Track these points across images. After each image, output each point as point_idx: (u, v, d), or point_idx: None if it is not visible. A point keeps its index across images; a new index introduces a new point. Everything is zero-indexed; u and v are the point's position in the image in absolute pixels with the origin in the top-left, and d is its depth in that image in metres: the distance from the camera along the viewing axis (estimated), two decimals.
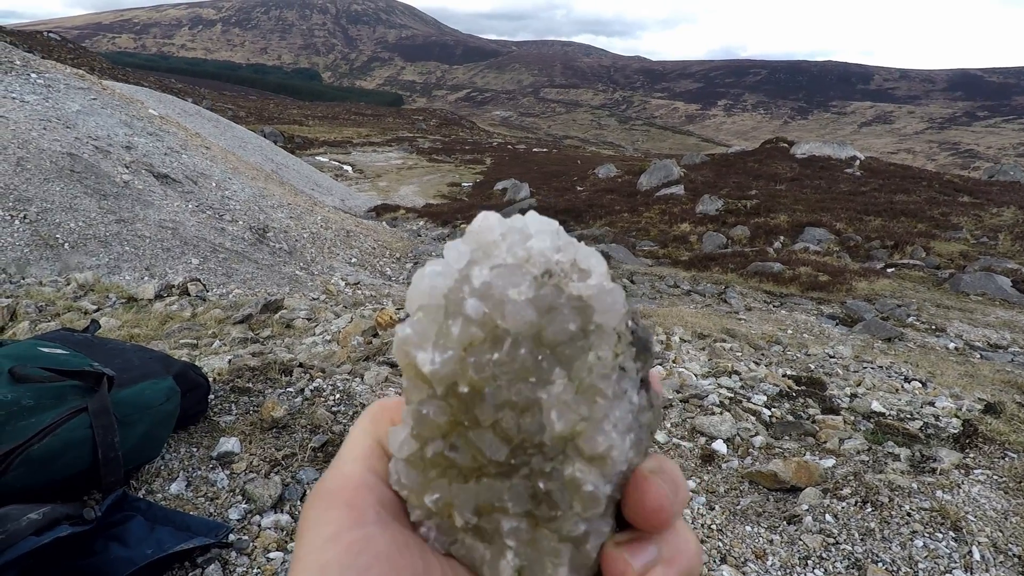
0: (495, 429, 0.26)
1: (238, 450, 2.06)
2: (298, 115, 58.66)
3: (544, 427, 0.26)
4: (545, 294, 0.26)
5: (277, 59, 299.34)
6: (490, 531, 0.28)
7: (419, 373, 0.27)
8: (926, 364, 5.48)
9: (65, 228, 6.21)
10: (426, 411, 0.27)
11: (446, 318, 0.26)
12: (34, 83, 8.88)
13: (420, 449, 0.28)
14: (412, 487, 0.29)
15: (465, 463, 0.27)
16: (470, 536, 0.29)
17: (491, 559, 0.28)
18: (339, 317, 4.13)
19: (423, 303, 0.27)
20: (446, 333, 0.26)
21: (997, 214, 15.13)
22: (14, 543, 1.29)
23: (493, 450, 0.26)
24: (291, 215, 9.39)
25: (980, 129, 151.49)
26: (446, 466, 0.28)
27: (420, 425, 0.28)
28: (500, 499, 0.27)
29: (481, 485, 0.27)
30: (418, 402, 0.28)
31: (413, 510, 0.30)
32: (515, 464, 0.27)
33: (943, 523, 1.99)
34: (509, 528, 0.27)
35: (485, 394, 0.26)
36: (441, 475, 0.28)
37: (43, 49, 41.37)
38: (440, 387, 0.27)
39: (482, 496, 0.27)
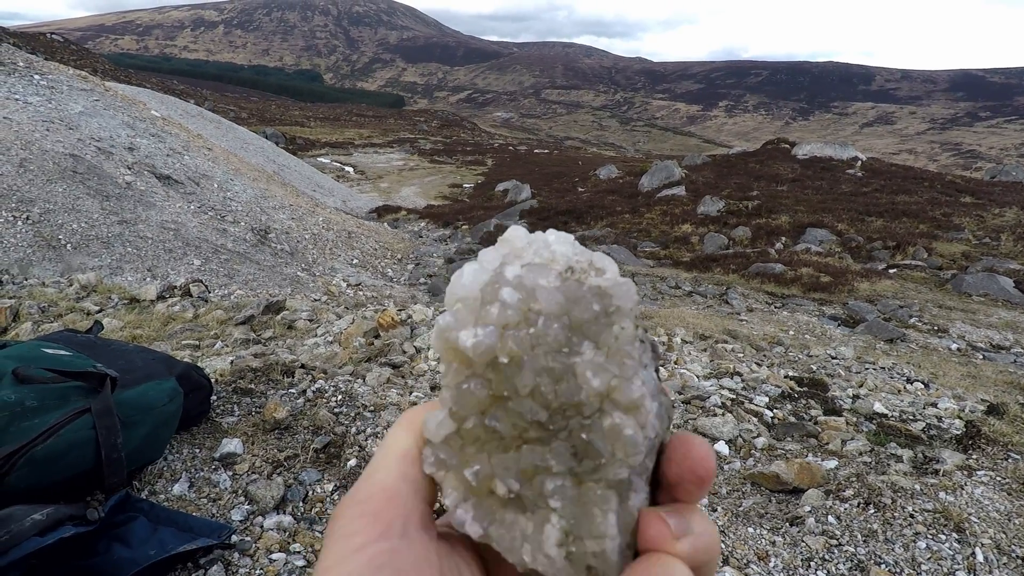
0: (534, 396, 0.28)
1: (240, 451, 2.06)
2: (300, 116, 58.74)
3: (580, 388, 0.28)
4: (569, 285, 0.29)
5: (279, 60, 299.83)
6: (532, 498, 0.29)
7: (459, 354, 0.29)
8: (928, 365, 5.47)
9: (68, 229, 6.22)
10: (467, 386, 0.29)
11: (483, 305, 0.29)
12: (37, 84, 8.90)
13: (457, 428, 0.29)
14: (449, 466, 0.30)
15: (506, 431, 0.29)
16: (510, 510, 0.29)
17: (534, 530, 0.29)
18: (341, 318, 4.13)
19: (462, 296, 0.30)
20: (485, 316, 0.29)
21: (999, 215, 15.10)
22: (18, 543, 1.30)
23: (534, 413, 0.28)
24: (293, 216, 9.40)
25: (982, 130, 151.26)
26: (485, 439, 0.29)
27: (459, 402, 0.29)
28: (543, 460, 0.28)
29: (522, 452, 0.29)
30: (457, 383, 0.29)
31: (449, 493, 0.30)
32: (554, 429, 0.29)
33: (946, 525, 1.99)
34: (553, 487, 0.28)
35: (524, 362, 0.28)
36: (480, 449, 0.29)
37: (46, 51, 41.48)
38: (480, 361, 0.29)
39: (524, 461, 0.29)
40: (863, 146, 47.22)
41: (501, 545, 0.29)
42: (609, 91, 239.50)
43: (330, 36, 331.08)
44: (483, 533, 0.29)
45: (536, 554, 0.28)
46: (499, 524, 0.29)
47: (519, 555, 0.29)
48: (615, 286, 0.29)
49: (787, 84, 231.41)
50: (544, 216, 16.39)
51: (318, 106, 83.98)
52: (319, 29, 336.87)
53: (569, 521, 0.28)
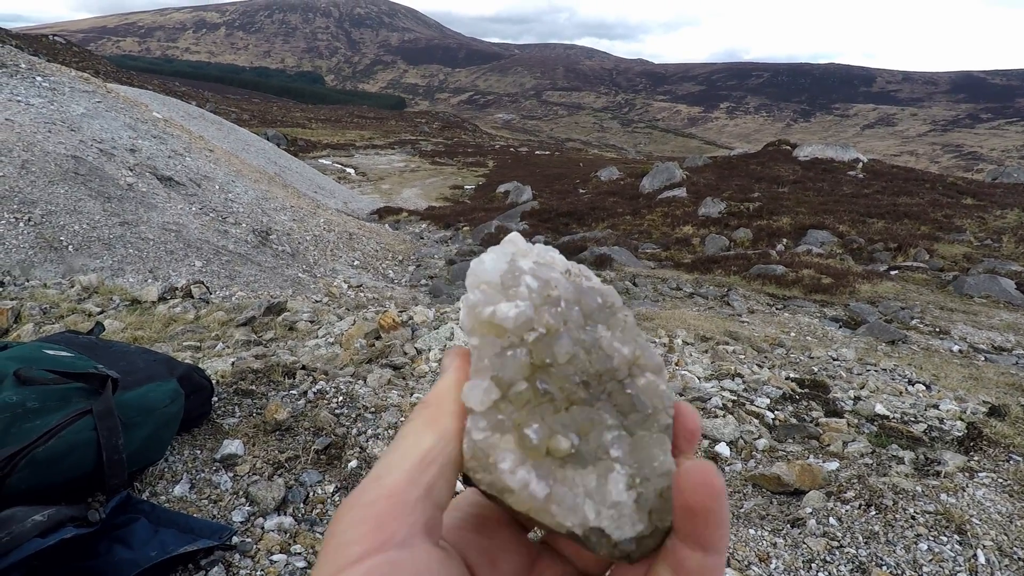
0: (572, 363, 0.30)
1: (241, 452, 2.06)
2: (301, 118, 58.81)
3: (611, 356, 0.31)
4: (573, 281, 0.33)
5: (280, 62, 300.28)
6: (591, 452, 0.30)
7: (494, 326, 0.30)
8: (930, 367, 5.46)
9: (69, 230, 6.23)
10: (511, 353, 0.30)
11: (505, 288, 0.31)
12: (39, 86, 8.93)
13: (503, 393, 0.30)
14: (505, 428, 0.30)
15: (557, 394, 0.30)
16: (569, 467, 0.30)
17: (597, 483, 0.30)
18: (342, 320, 4.13)
19: (486, 279, 0.31)
20: (515, 294, 0.31)
21: (1001, 216, 15.09)
22: (19, 544, 1.30)
23: (580, 375, 0.31)
24: (294, 218, 9.41)
25: (983, 131, 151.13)
26: (536, 402, 0.30)
27: (504, 369, 0.30)
28: (597, 416, 0.31)
29: (572, 412, 0.30)
30: (495, 353, 0.30)
31: (505, 457, 0.29)
32: (595, 392, 0.31)
33: (948, 526, 1.98)
34: (611, 437, 0.31)
35: (561, 332, 0.30)
36: (532, 412, 0.30)
37: (48, 52, 41.59)
38: (517, 332, 0.30)
39: (580, 418, 0.30)
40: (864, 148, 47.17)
41: (563, 504, 0.29)
42: (610, 93, 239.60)
43: (331, 38, 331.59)
44: (549, 492, 0.29)
45: (600, 508, 0.29)
46: (561, 483, 0.30)
47: (581, 514, 0.29)
48: (605, 288, 0.34)
49: (788, 86, 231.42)
50: (545, 218, 16.39)
51: (319, 108, 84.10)
52: (320, 31, 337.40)
53: (632, 466, 0.30)
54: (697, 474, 0.29)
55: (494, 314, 0.30)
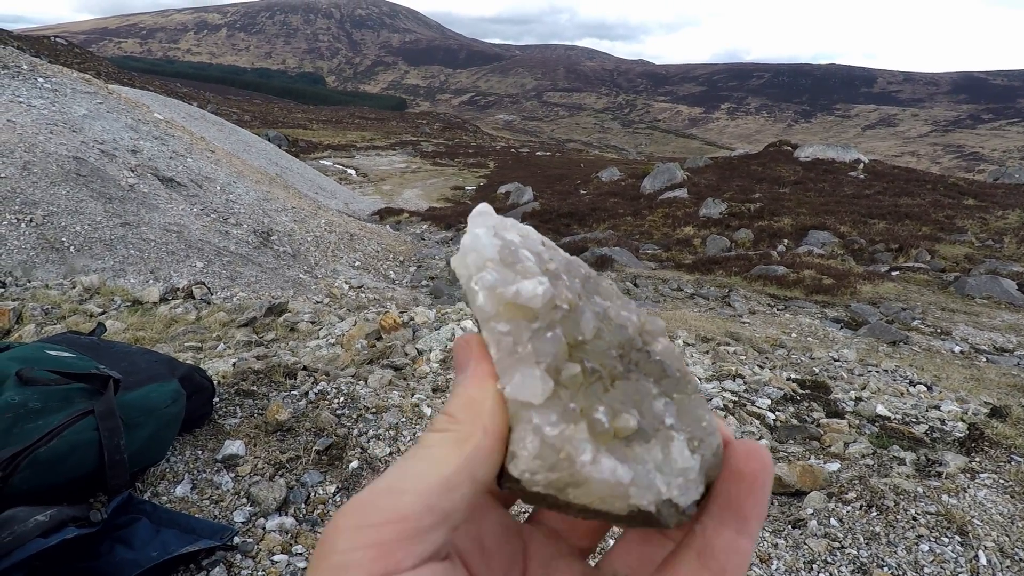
0: (600, 337, 0.29)
1: (243, 453, 2.06)
2: (302, 119, 58.88)
3: (625, 326, 0.31)
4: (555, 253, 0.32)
5: (282, 63, 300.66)
6: (650, 424, 0.29)
7: (520, 307, 0.28)
8: (931, 367, 5.46)
9: (71, 231, 6.24)
10: (550, 335, 0.28)
11: (510, 265, 0.29)
12: (41, 87, 8.94)
13: (555, 380, 0.28)
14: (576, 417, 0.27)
15: (603, 372, 0.29)
16: (634, 445, 0.29)
17: (663, 454, 0.29)
18: (343, 320, 4.13)
19: (490, 256, 0.29)
20: (521, 271, 0.29)
21: (1002, 217, 15.07)
22: (21, 545, 1.30)
23: (615, 349, 0.30)
24: (295, 218, 9.42)
25: (985, 132, 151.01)
26: (587, 383, 0.28)
27: (549, 355, 0.28)
28: (642, 387, 0.30)
29: (619, 388, 0.29)
30: (530, 336, 0.28)
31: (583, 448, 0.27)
32: (627, 363, 0.30)
33: (949, 527, 1.98)
34: (662, 406, 0.30)
35: (581, 306, 0.29)
36: (587, 394, 0.28)
37: (50, 54, 41.67)
38: (545, 311, 0.28)
39: (630, 393, 0.29)
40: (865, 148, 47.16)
41: (640, 484, 0.28)
42: (611, 94, 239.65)
43: (333, 39, 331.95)
44: (633, 476, 0.28)
45: (670, 479, 0.29)
46: (633, 462, 0.28)
47: (655, 489, 0.28)
48: (576, 259, 0.33)
49: (789, 86, 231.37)
50: (546, 218, 16.39)
51: (320, 109, 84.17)
52: (322, 32, 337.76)
53: (687, 430, 0.30)
54: (749, 445, 0.30)
55: (518, 293, 0.28)
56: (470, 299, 0.29)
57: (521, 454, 0.27)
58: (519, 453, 0.28)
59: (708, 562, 0.28)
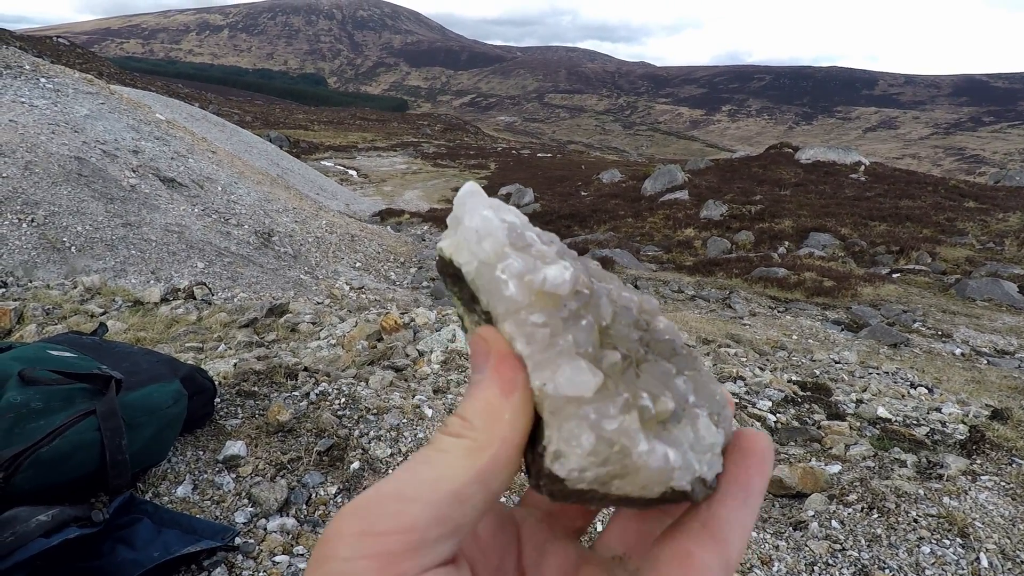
0: (618, 321, 0.29)
1: (244, 453, 2.06)
2: (304, 120, 58.96)
3: (629, 307, 0.30)
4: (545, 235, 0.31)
5: (283, 64, 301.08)
6: (679, 404, 0.29)
7: (547, 294, 0.26)
8: (932, 370, 5.46)
9: (72, 232, 6.24)
10: (585, 323, 0.27)
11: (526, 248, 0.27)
12: (43, 88, 8.96)
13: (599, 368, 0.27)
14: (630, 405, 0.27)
15: (632, 356, 0.28)
16: (670, 427, 0.28)
17: (692, 433, 0.29)
18: (344, 321, 4.14)
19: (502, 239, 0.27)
20: (541, 255, 0.28)
21: (1003, 219, 15.07)
22: (24, 544, 1.30)
23: (634, 333, 0.29)
24: (296, 219, 9.43)
25: (986, 134, 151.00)
26: (622, 369, 0.27)
27: (586, 340, 0.27)
28: (664, 368, 0.29)
29: (645, 371, 0.29)
30: (563, 325, 0.26)
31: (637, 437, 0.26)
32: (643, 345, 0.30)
33: (950, 530, 1.98)
34: (683, 384, 0.30)
35: (598, 290, 0.28)
36: (628, 382, 0.27)
37: (52, 54, 41.75)
38: (571, 298, 0.27)
39: (657, 375, 0.29)
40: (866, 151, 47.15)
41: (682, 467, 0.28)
42: (612, 95, 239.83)
43: (334, 40, 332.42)
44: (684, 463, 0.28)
45: (700, 456, 0.29)
46: (675, 445, 0.28)
47: (692, 468, 0.28)
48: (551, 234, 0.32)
49: (790, 88, 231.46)
50: (547, 220, 16.40)
51: (322, 110, 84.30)
52: (323, 33, 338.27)
53: (706, 405, 0.30)
54: (753, 431, 0.32)
55: (546, 281, 0.26)
56: (489, 290, 0.27)
57: (572, 452, 0.26)
58: (568, 452, 0.26)
59: (714, 532, 0.28)
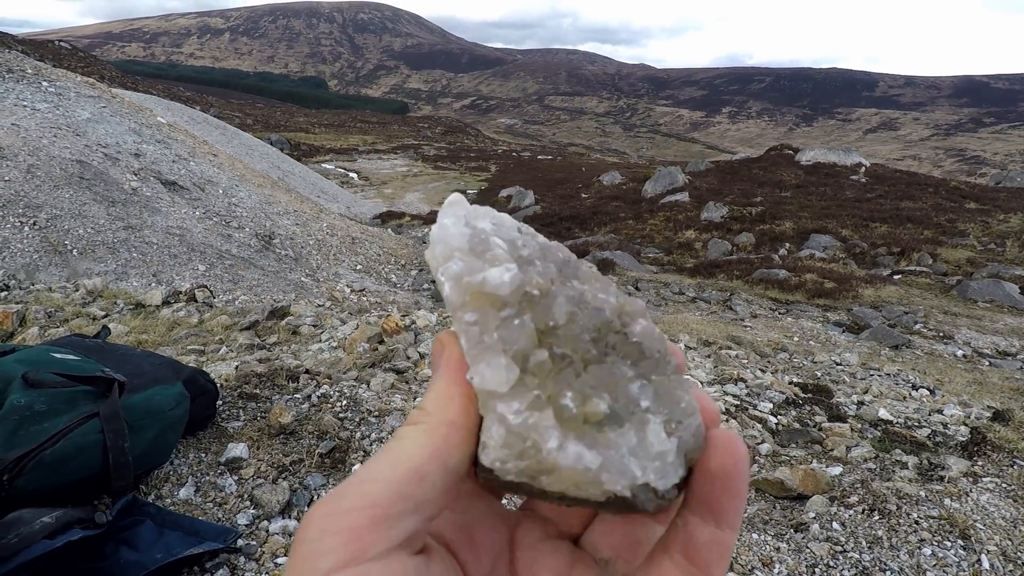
0: (574, 321, 0.29)
1: (246, 456, 2.07)
2: (304, 123, 59.05)
3: (602, 309, 0.30)
4: (531, 239, 0.31)
5: (284, 67, 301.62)
6: (624, 407, 0.29)
7: (488, 296, 0.28)
8: (934, 371, 5.45)
9: (74, 234, 6.26)
10: (518, 322, 0.28)
11: (476, 254, 0.29)
12: (45, 91, 8.98)
13: (522, 368, 0.28)
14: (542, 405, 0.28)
15: (574, 357, 0.28)
16: (606, 430, 0.28)
17: (638, 438, 0.29)
18: (345, 324, 4.14)
19: (457, 246, 0.29)
20: (491, 259, 0.28)
21: (1004, 220, 15.06)
22: (27, 546, 1.31)
23: (589, 333, 0.29)
24: (297, 222, 9.44)
25: (987, 135, 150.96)
26: (556, 369, 0.28)
27: (516, 340, 0.28)
28: (617, 370, 0.29)
29: (592, 372, 0.29)
30: (498, 325, 0.28)
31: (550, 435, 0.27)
32: (603, 347, 0.29)
33: (951, 531, 1.98)
34: (638, 389, 0.29)
35: (554, 291, 0.29)
36: (557, 380, 0.28)
37: (54, 58, 41.87)
38: (514, 298, 0.28)
39: (603, 377, 0.29)
40: (867, 152, 47.17)
41: (612, 469, 0.28)
42: (612, 97, 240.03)
43: (335, 43, 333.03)
44: (603, 460, 0.28)
45: (645, 463, 0.28)
46: (604, 447, 0.28)
47: (630, 474, 0.28)
48: (556, 244, 0.32)
49: (790, 90, 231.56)
50: (548, 222, 16.41)
51: (323, 112, 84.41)
52: (324, 36, 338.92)
53: (664, 412, 0.29)
54: (722, 439, 0.29)
55: (485, 282, 0.28)
56: (440, 291, 0.29)
57: (490, 443, 0.28)
58: (488, 443, 0.28)
59: (693, 557, 0.29)
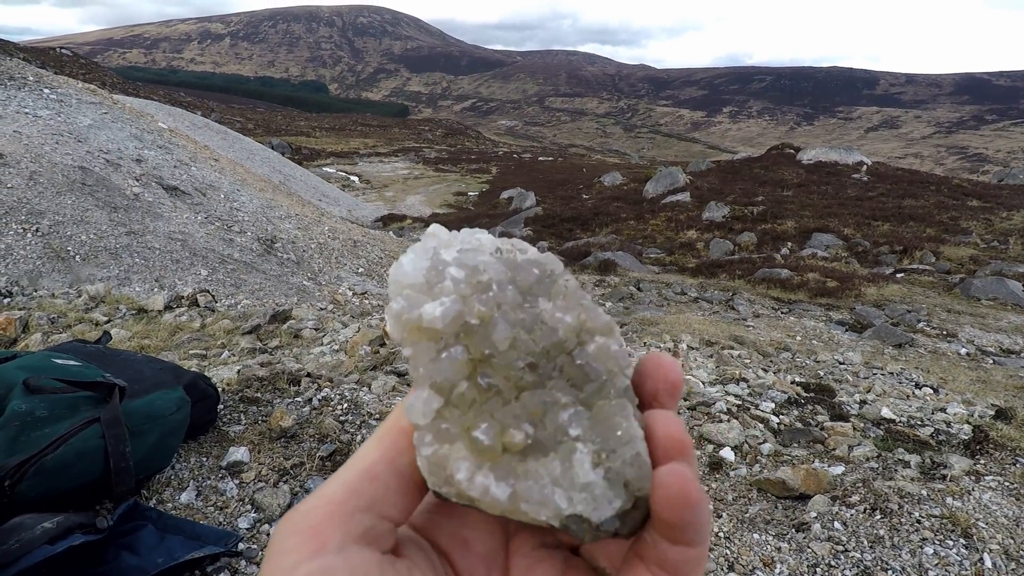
0: (515, 347, 0.29)
1: (247, 459, 2.07)
2: (305, 127, 59.19)
3: (555, 329, 0.29)
4: (505, 259, 0.31)
5: (284, 72, 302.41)
6: (549, 437, 0.29)
7: (425, 330, 0.28)
8: (937, 370, 5.44)
9: (76, 241, 6.28)
10: (446, 355, 0.28)
11: (430, 287, 0.29)
12: (47, 98, 9.02)
13: (446, 399, 0.28)
14: (453, 436, 0.28)
15: (502, 385, 0.29)
16: (530, 459, 0.28)
17: (562, 468, 0.28)
18: (346, 327, 4.15)
19: (409, 283, 0.29)
20: (440, 291, 0.29)
21: (1007, 218, 15.03)
22: (29, 552, 1.31)
23: (523, 359, 0.29)
24: (299, 226, 9.46)
25: (989, 133, 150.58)
26: (481, 399, 0.28)
27: (441, 373, 0.28)
28: (550, 397, 0.29)
29: (523, 400, 0.29)
30: (431, 357, 0.28)
31: (460, 467, 0.28)
32: (545, 371, 0.29)
33: (954, 530, 1.97)
34: (568, 416, 0.29)
35: (495, 319, 0.28)
36: (479, 411, 0.28)
37: (56, 65, 42.05)
38: (450, 330, 0.28)
39: (531, 405, 0.29)
40: (868, 150, 47.05)
41: (532, 500, 0.28)
42: (613, 98, 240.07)
43: (335, 47, 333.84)
44: (512, 492, 0.28)
45: (571, 493, 0.28)
46: (524, 477, 0.28)
47: (553, 505, 0.28)
48: (543, 257, 0.31)
49: (791, 89, 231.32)
50: (549, 223, 16.42)
51: (323, 116, 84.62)
52: (324, 40, 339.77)
53: (595, 441, 0.29)
54: (672, 485, 0.28)
55: (420, 317, 0.28)
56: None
57: (422, 471, 0.29)
58: (422, 468, 0.29)
59: (667, 569, 0.29)
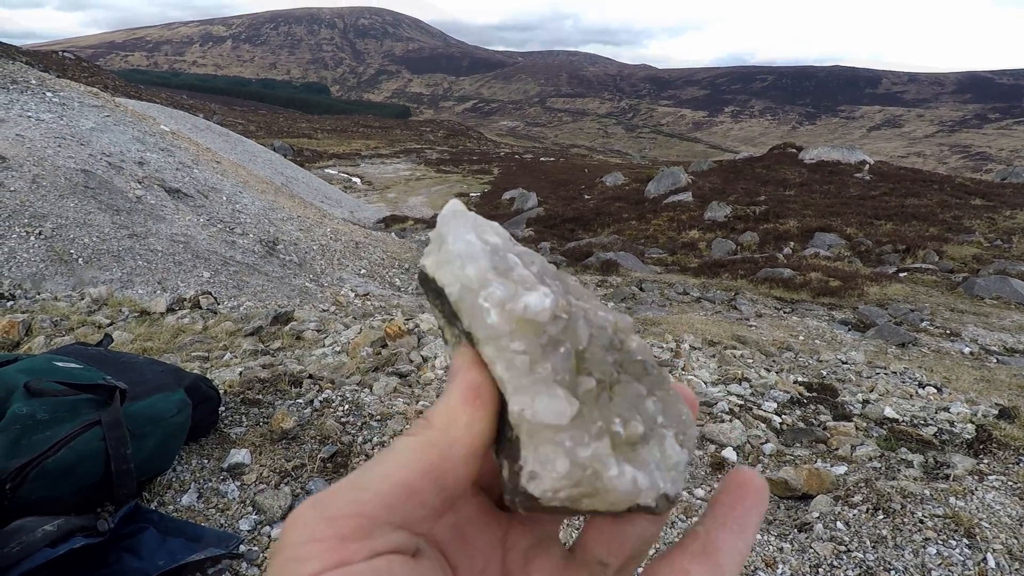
0: (594, 344, 0.29)
1: (248, 461, 2.07)
2: (307, 128, 59.29)
3: (604, 327, 0.30)
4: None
5: (286, 74, 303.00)
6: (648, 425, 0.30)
7: (530, 321, 0.27)
8: (941, 369, 5.42)
9: (79, 243, 6.30)
10: (562, 350, 0.27)
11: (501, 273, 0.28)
12: (49, 102, 9.05)
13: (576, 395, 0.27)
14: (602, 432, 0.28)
15: (606, 379, 0.29)
16: (639, 448, 0.29)
17: (659, 452, 0.30)
18: (348, 328, 4.15)
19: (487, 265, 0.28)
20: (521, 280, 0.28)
21: (1010, 216, 14.98)
22: (30, 555, 1.31)
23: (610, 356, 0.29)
24: (301, 227, 9.47)
25: (991, 131, 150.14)
26: (596, 395, 0.28)
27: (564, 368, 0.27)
28: (635, 390, 0.30)
29: (618, 393, 0.30)
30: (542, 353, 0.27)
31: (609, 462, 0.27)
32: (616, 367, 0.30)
33: (957, 530, 1.96)
34: (652, 405, 0.31)
35: (575, 314, 0.28)
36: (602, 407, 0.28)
37: (58, 68, 42.21)
38: (550, 324, 0.27)
39: (629, 398, 0.30)
40: (871, 149, 46.99)
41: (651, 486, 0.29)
42: (614, 98, 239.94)
43: (336, 49, 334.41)
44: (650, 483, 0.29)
45: (665, 473, 0.30)
46: (642, 466, 0.29)
47: (657, 486, 0.29)
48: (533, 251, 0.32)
49: (793, 88, 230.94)
50: (551, 224, 16.41)
51: (325, 118, 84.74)
52: (325, 42, 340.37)
53: (673, 425, 0.31)
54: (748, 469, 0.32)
55: (527, 308, 0.27)
56: (471, 314, 0.27)
57: (547, 475, 0.27)
58: (543, 474, 0.27)
59: (711, 556, 0.30)
